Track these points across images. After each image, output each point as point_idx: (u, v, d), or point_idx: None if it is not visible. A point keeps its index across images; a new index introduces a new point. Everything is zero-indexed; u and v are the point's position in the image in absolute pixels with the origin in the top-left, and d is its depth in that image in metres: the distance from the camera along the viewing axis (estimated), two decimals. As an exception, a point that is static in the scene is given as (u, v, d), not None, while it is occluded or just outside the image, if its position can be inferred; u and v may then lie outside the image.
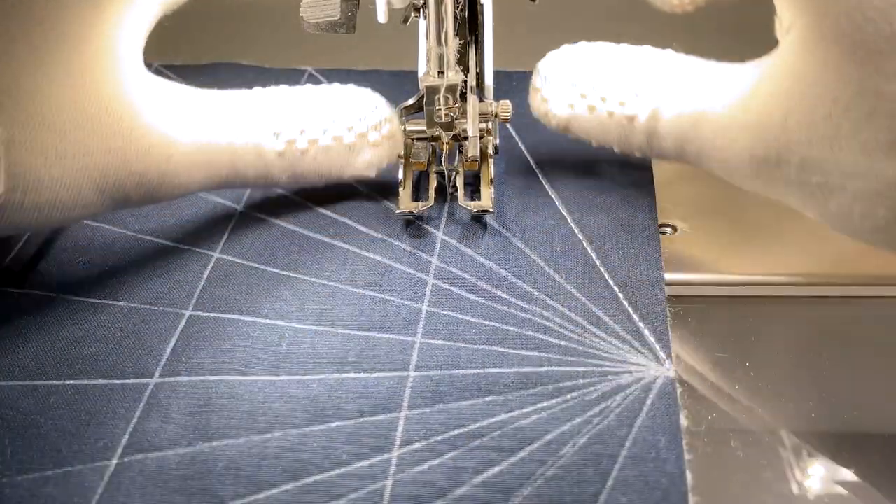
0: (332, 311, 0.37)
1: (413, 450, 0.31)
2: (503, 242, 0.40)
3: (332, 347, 0.35)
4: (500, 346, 0.35)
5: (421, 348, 0.35)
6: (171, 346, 0.36)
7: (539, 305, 0.37)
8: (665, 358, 0.34)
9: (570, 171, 0.44)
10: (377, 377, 0.34)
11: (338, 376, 0.34)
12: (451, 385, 0.34)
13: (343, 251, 0.40)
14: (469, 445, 0.31)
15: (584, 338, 0.35)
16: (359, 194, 0.43)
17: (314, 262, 0.39)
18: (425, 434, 0.32)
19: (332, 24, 0.39)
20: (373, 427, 0.32)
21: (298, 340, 0.36)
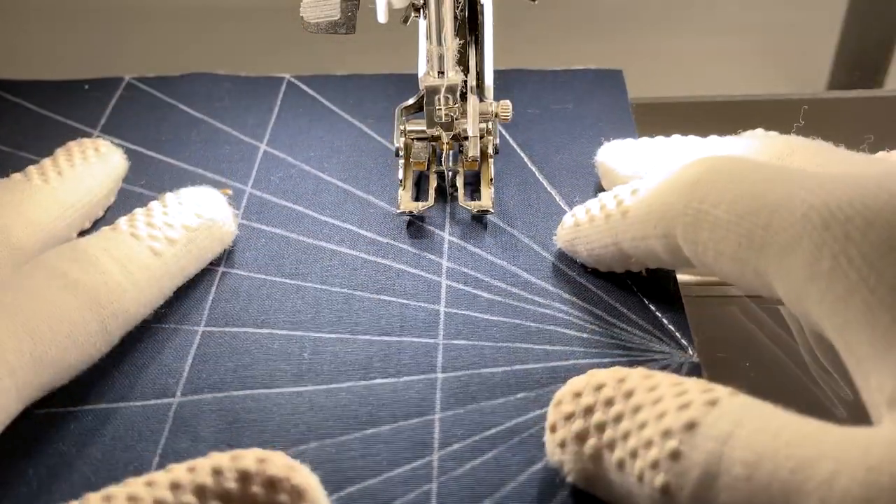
0: (349, 317, 0.36)
1: (453, 451, 0.31)
2: (510, 240, 0.40)
3: (356, 354, 0.35)
4: (523, 342, 0.35)
5: (445, 349, 0.35)
6: (188, 363, 0.35)
7: (556, 300, 0.37)
8: (687, 344, 0.35)
9: (567, 166, 0.45)
10: (406, 381, 0.34)
11: (365, 383, 0.34)
12: (481, 384, 0.34)
13: (351, 257, 0.40)
14: (508, 443, 0.31)
15: (606, 329, 0.36)
16: (356, 199, 0.43)
17: (323, 269, 0.39)
18: (463, 435, 0.32)
19: (332, 24, 0.38)
20: (409, 431, 0.32)
21: (319, 349, 0.35)
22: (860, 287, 0.26)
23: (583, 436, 0.28)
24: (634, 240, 0.35)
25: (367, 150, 0.47)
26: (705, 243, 0.31)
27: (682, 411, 0.26)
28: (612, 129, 0.47)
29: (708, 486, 0.25)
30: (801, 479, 0.23)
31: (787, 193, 0.28)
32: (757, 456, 0.24)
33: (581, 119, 0.48)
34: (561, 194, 0.43)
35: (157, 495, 0.25)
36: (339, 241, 0.41)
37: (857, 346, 0.26)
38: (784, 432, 0.24)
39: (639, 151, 0.41)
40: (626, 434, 0.27)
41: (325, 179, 0.44)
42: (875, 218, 0.26)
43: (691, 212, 0.31)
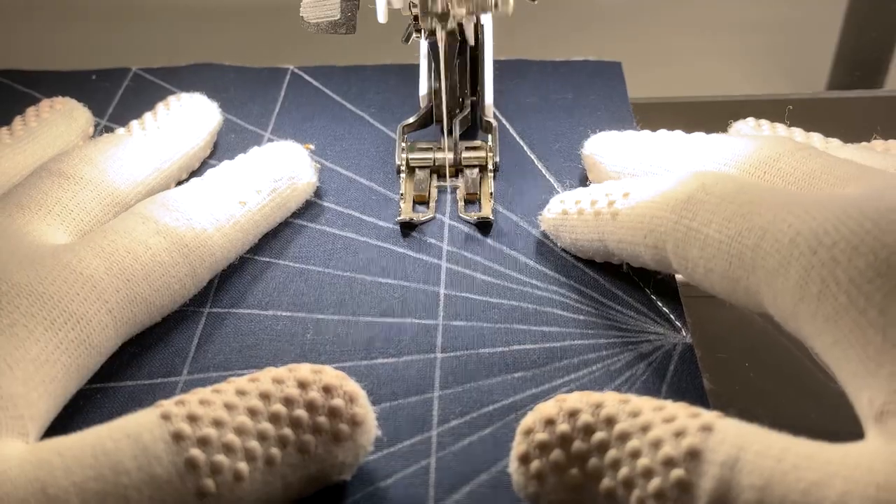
0: (351, 299, 0.37)
1: (451, 427, 0.32)
2: (509, 225, 0.41)
3: (358, 335, 0.36)
4: (520, 323, 0.36)
5: (444, 330, 0.36)
6: (195, 343, 0.36)
7: (553, 283, 0.38)
8: (681, 326, 0.36)
9: (565, 154, 0.45)
10: (406, 360, 0.35)
11: (367, 362, 0.35)
12: (479, 363, 0.34)
13: (354, 241, 0.40)
14: (505, 420, 0.32)
15: (601, 311, 0.37)
16: (358, 185, 0.44)
17: (326, 253, 0.40)
18: (461, 412, 0.33)
19: (333, 24, 0.38)
20: (409, 408, 0.33)
21: (322, 330, 0.36)
22: (849, 309, 0.27)
23: (562, 466, 0.27)
24: (622, 242, 0.36)
25: (369, 138, 0.47)
26: (696, 260, 0.32)
27: (680, 439, 0.26)
28: (610, 118, 0.48)
29: None
30: (814, 501, 0.24)
31: (774, 217, 0.30)
32: (765, 481, 0.24)
33: (580, 109, 0.49)
34: (559, 181, 0.44)
35: (225, 400, 0.27)
36: (342, 226, 0.41)
37: (848, 363, 0.27)
38: (787, 455, 0.25)
39: (625, 146, 0.42)
40: (616, 463, 0.26)
41: (328, 167, 0.45)
42: (859, 243, 0.27)
43: (682, 228, 0.33)
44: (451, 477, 0.30)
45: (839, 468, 0.24)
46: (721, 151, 0.38)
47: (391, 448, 0.31)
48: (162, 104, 0.45)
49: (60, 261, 0.32)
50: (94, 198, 0.37)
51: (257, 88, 0.52)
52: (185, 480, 0.26)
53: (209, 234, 0.36)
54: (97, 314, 0.32)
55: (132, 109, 0.49)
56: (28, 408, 0.29)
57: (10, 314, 0.30)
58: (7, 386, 0.28)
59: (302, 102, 0.50)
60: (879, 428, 0.26)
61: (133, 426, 0.27)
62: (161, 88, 0.51)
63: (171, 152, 0.42)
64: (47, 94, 0.50)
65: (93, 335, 0.31)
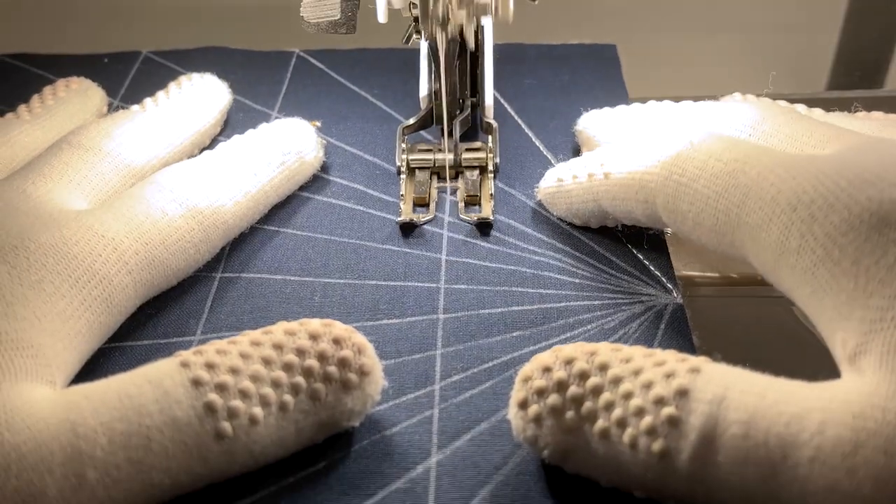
0: (357, 265, 0.39)
1: (453, 381, 0.34)
2: (508, 197, 0.43)
3: (363, 297, 0.37)
4: (519, 286, 0.38)
5: (446, 293, 0.38)
6: (208, 305, 0.37)
7: (550, 249, 0.40)
8: (672, 287, 0.37)
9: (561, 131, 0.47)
10: (410, 321, 0.36)
11: (372, 323, 0.36)
12: (480, 324, 0.36)
13: (359, 213, 0.42)
14: (504, 374, 0.34)
15: (596, 275, 0.38)
16: (363, 161, 0.46)
17: (332, 223, 0.42)
18: (462, 367, 0.34)
19: (333, 23, 0.39)
20: (413, 364, 0.34)
21: (330, 293, 0.38)
22: (825, 260, 0.29)
23: (559, 409, 0.29)
24: (615, 200, 0.37)
25: (372, 117, 0.49)
26: (685, 214, 0.34)
27: (670, 380, 0.28)
28: (605, 97, 0.49)
29: (706, 447, 0.26)
30: (795, 431, 0.25)
31: (757, 176, 0.32)
32: (750, 415, 0.26)
33: (575, 89, 0.51)
34: (554, 156, 0.45)
35: (241, 350, 0.29)
36: (347, 198, 0.43)
37: (824, 311, 0.29)
38: (769, 392, 0.27)
39: (617, 120, 0.44)
40: (609, 405, 0.28)
41: (334, 143, 0.47)
42: (835, 201, 0.29)
43: (672, 184, 0.34)
44: (453, 426, 0.32)
45: (818, 402, 0.26)
46: (708, 116, 0.40)
47: (396, 400, 0.33)
48: (174, 84, 0.47)
49: (83, 224, 0.34)
50: (112, 169, 0.39)
51: (264, 71, 0.53)
52: (204, 423, 0.28)
53: (223, 202, 0.38)
54: (118, 275, 0.33)
55: (143, 91, 0.51)
56: (55, 358, 0.30)
57: (37, 271, 0.31)
58: (36, 336, 0.30)
59: (307, 84, 0.52)
60: (853, 367, 0.27)
61: (154, 373, 0.29)
62: (171, 70, 0.53)
63: (183, 128, 0.44)
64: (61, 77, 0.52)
65: (114, 294, 0.33)
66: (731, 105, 0.41)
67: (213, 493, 0.29)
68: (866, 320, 0.27)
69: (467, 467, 0.30)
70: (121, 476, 0.27)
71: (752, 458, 0.26)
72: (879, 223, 0.28)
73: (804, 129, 0.37)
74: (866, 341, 0.27)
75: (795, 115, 0.39)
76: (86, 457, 0.26)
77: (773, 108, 0.40)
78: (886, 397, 0.25)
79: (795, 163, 0.31)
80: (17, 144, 0.41)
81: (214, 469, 0.28)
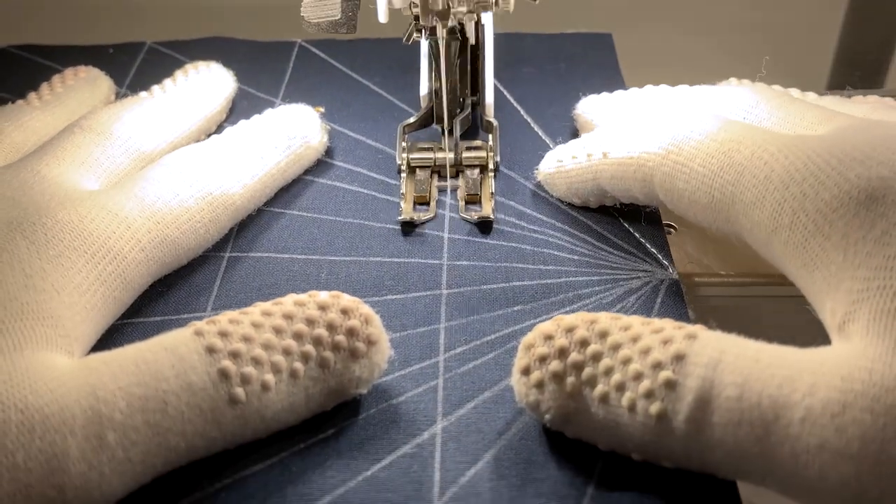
0: (361, 243, 0.40)
1: (457, 353, 0.35)
2: (508, 180, 0.44)
3: (369, 274, 0.39)
4: (519, 262, 0.39)
5: (449, 269, 0.39)
6: (217, 283, 0.38)
7: (549, 228, 0.41)
8: (668, 264, 0.39)
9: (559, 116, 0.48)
10: (414, 296, 0.37)
11: (378, 298, 0.37)
12: (482, 298, 0.37)
13: (363, 195, 0.43)
14: (506, 346, 0.35)
15: (594, 252, 0.39)
16: (366, 146, 0.47)
17: (336, 205, 0.43)
18: (465, 340, 0.35)
19: (333, 24, 0.39)
20: (418, 337, 0.36)
21: (336, 270, 0.39)
22: (816, 235, 0.30)
23: (560, 375, 0.30)
24: (613, 178, 0.39)
25: (375, 104, 0.50)
26: (681, 192, 0.35)
27: (667, 345, 0.29)
28: (602, 86, 0.50)
29: (702, 409, 0.27)
30: (787, 392, 0.27)
31: (751, 155, 0.33)
32: (744, 378, 0.27)
33: (572, 76, 0.52)
34: (553, 140, 0.47)
35: (252, 319, 0.30)
36: (351, 180, 0.44)
37: (814, 283, 0.30)
38: (763, 357, 0.28)
39: (615, 104, 0.45)
40: (609, 370, 0.29)
41: (337, 129, 0.48)
42: (826, 179, 0.30)
43: (669, 163, 0.36)
44: (457, 394, 0.33)
45: (808, 365, 0.27)
46: (705, 100, 0.41)
47: (402, 371, 0.34)
48: (180, 71, 0.48)
49: (98, 202, 0.35)
50: (122, 152, 0.40)
51: (267, 60, 0.54)
52: (219, 388, 0.29)
53: (231, 184, 0.39)
54: (132, 252, 0.35)
55: (148, 81, 0.52)
56: (73, 329, 0.31)
57: (55, 246, 0.32)
58: (55, 308, 0.31)
59: (310, 72, 0.53)
60: (842, 334, 0.29)
61: (169, 341, 0.30)
62: (175, 60, 0.54)
63: (190, 114, 0.45)
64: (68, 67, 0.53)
65: (128, 271, 0.34)
66: (727, 89, 0.42)
67: (225, 458, 0.30)
68: (854, 290, 0.28)
69: (472, 433, 0.32)
70: (139, 438, 0.28)
71: (746, 418, 0.27)
72: (867, 199, 0.29)
73: (797, 111, 0.38)
74: (854, 310, 0.28)
75: (789, 99, 0.40)
76: (105, 419, 0.27)
77: (768, 91, 0.41)
78: (872, 360, 0.26)
79: (788, 142, 0.33)
80: (28, 129, 0.42)
81: (228, 434, 0.29)
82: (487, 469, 0.30)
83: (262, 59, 0.54)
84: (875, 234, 0.28)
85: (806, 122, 0.37)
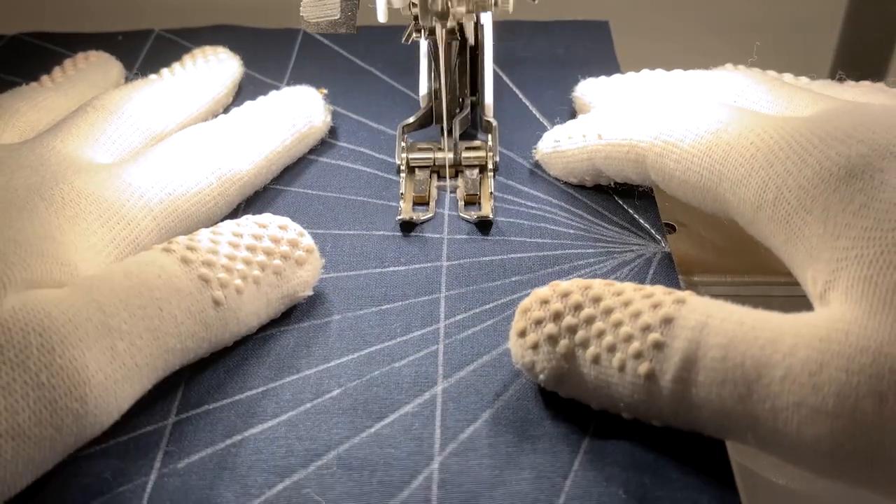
0: (365, 218, 0.42)
1: (457, 320, 0.36)
2: (507, 160, 0.45)
3: (372, 247, 0.40)
4: (517, 236, 0.40)
5: (449, 243, 0.40)
6: (226, 255, 0.40)
7: (546, 204, 0.42)
8: (660, 238, 0.40)
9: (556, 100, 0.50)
10: (415, 268, 0.39)
11: (380, 269, 0.39)
12: (480, 269, 0.39)
13: (366, 173, 0.45)
14: (504, 314, 0.36)
15: (590, 226, 0.41)
16: (369, 128, 0.48)
17: (340, 182, 0.44)
18: (465, 308, 0.37)
19: (332, 23, 0.40)
20: (419, 306, 0.37)
21: (340, 244, 0.40)
22: (798, 210, 0.32)
23: (554, 337, 0.31)
24: (607, 159, 0.40)
25: (377, 89, 0.52)
26: (671, 172, 0.37)
27: (656, 309, 0.30)
28: (598, 71, 0.51)
29: (688, 368, 0.29)
30: (770, 352, 0.28)
31: (738, 135, 0.35)
32: (728, 339, 0.29)
33: (570, 62, 0.54)
34: (551, 123, 0.48)
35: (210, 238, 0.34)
36: (354, 160, 0.46)
37: (797, 255, 0.32)
38: (747, 320, 0.29)
39: (612, 87, 0.46)
40: (601, 333, 0.31)
41: (341, 112, 0.49)
42: (808, 157, 0.32)
43: (660, 144, 0.37)
44: (457, 359, 0.34)
45: (790, 328, 0.29)
46: (698, 84, 0.42)
47: (404, 337, 0.36)
48: (188, 56, 0.49)
49: (112, 173, 0.36)
50: (134, 130, 0.42)
51: (272, 47, 0.56)
52: (202, 292, 0.32)
53: (238, 161, 0.41)
54: (144, 220, 0.36)
55: (156, 67, 0.53)
56: None
57: (72, 208, 0.34)
58: (73, 258, 0.33)
59: (314, 59, 0.55)
60: (823, 302, 0.30)
61: (146, 257, 0.33)
62: (182, 47, 0.55)
63: (198, 96, 0.46)
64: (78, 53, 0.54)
65: (140, 237, 0.36)
66: (720, 73, 0.43)
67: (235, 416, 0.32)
68: (833, 260, 0.30)
69: (470, 394, 0.33)
70: (143, 344, 0.30)
71: (730, 377, 0.28)
72: (847, 175, 0.31)
73: (787, 94, 0.40)
74: (833, 279, 0.30)
75: (778, 83, 0.41)
76: (114, 331, 0.30)
77: (759, 75, 0.42)
78: (849, 323, 0.28)
79: (774, 123, 0.34)
80: (42, 109, 0.44)
81: (213, 335, 0.33)
82: (485, 427, 0.32)
83: (267, 47, 0.56)
84: (853, 208, 0.30)
85: (794, 104, 0.39)
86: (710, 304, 0.30)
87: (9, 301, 0.29)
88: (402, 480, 0.30)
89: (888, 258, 0.28)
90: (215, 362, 0.34)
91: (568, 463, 0.30)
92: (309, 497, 0.29)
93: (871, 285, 0.28)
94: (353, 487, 0.29)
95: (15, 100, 0.44)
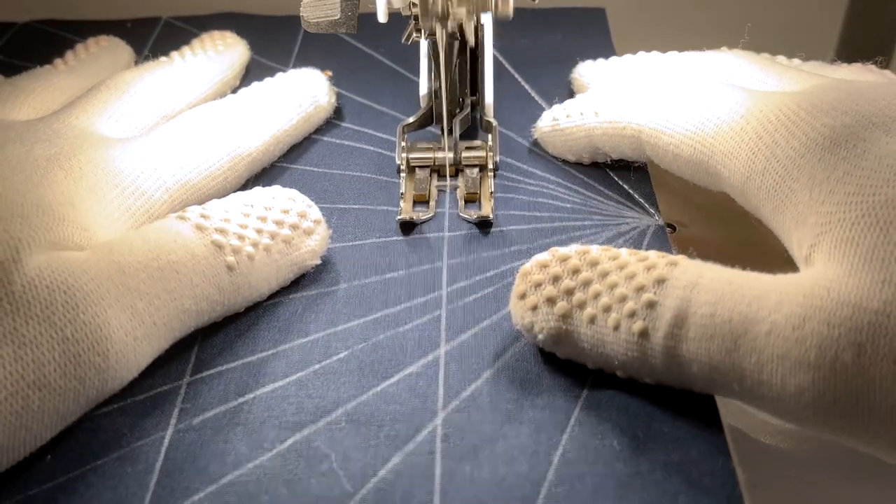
0: (369, 193, 0.43)
1: (459, 287, 0.38)
2: (506, 139, 0.47)
3: (376, 220, 0.42)
4: (516, 210, 0.42)
5: (451, 216, 0.42)
6: (236, 228, 0.41)
7: (544, 181, 0.44)
8: (654, 212, 0.42)
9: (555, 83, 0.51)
10: (418, 238, 0.40)
11: (385, 239, 0.40)
12: (481, 240, 0.40)
13: (370, 152, 0.46)
14: (504, 281, 0.38)
15: (586, 200, 0.42)
16: (372, 110, 0.50)
17: (345, 160, 0.46)
18: (466, 276, 0.38)
19: (333, 23, 0.40)
20: (422, 275, 0.38)
21: (345, 216, 0.42)
22: (786, 178, 0.33)
23: (553, 299, 0.33)
24: (605, 135, 0.42)
25: (380, 73, 0.53)
26: (665, 147, 0.39)
27: (650, 271, 0.32)
28: (595, 55, 0.53)
29: (679, 325, 0.30)
30: (756, 308, 0.30)
31: (728, 109, 0.36)
32: (717, 297, 0.30)
33: (567, 46, 0.55)
34: (548, 103, 0.49)
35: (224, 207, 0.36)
36: (358, 139, 0.47)
37: (785, 222, 0.33)
38: (735, 279, 0.31)
39: (610, 68, 0.48)
40: (597, 294, 0.32)
41: (345, 94, 0.51)
42: (795, 128, 0.34)
43: (655, 120, 0.39)
44: (458, 323, 0.36)
45: (776, 286, 0.30)
46: (692, 64, 0.44)
47: (407, 303, 0.37)
48: (197, 40, 0.51)
49: (127, 147, 0.38)
50: (145, 109, 0.43)
51: (277, 33, 0.57)
52: (217, 256, 0.34)
53: (247, 138, 0.42)
54: (157, 191, 0.38)
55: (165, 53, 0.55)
56: None
57: (89, 178, 0.36)
58: (91, 224, 0.34)
59: (319, 44, 0.56)
60: (808, 263, 0.32)
61: (161, 224, 0.34)
62: (190, 34, 0.57)
63: (207, 78, 0.48)
64: (89, 38, 0.56)
65: (153, 207, 0.37)
66: (714, 54, 0.45)
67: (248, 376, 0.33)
68: (818, 224, 0.31)
69: (472, 355, 0.34)
70: (161, 304, 0.32)
71: (718, 333, 0.30)
72: (832, 145, 0.32)
73: (778, 73, 0.42)
74: (818, 241, 0.31)
75: (770, 63, 0.43)
76: (133, 291, 0.31)
77: (751, 56, 0.44)
78: (831, 280, 0.29)
79: (763, 98, 0.36)
80: (56, 89, 0.45)
81: (226, 297, 0.34)
82: (487, 385, 0.33)
83: (273, 33, 0.57)
84: (838, 175, 0.32)
85: (785, 82, 0.40)
86: (701, 265, 0.32)
87: (34, 261, 0.30)
88: (407, 434, 0.31)
89: (868, 220, 0.30)
90: (227, 326, 0.36)
91: (565, 418, 0.32)
92: (319, 450, 0.31)
93: (853, 246, 0.30)
94: (361, 441, 0.31)
95: (30, 81, 0.45)
